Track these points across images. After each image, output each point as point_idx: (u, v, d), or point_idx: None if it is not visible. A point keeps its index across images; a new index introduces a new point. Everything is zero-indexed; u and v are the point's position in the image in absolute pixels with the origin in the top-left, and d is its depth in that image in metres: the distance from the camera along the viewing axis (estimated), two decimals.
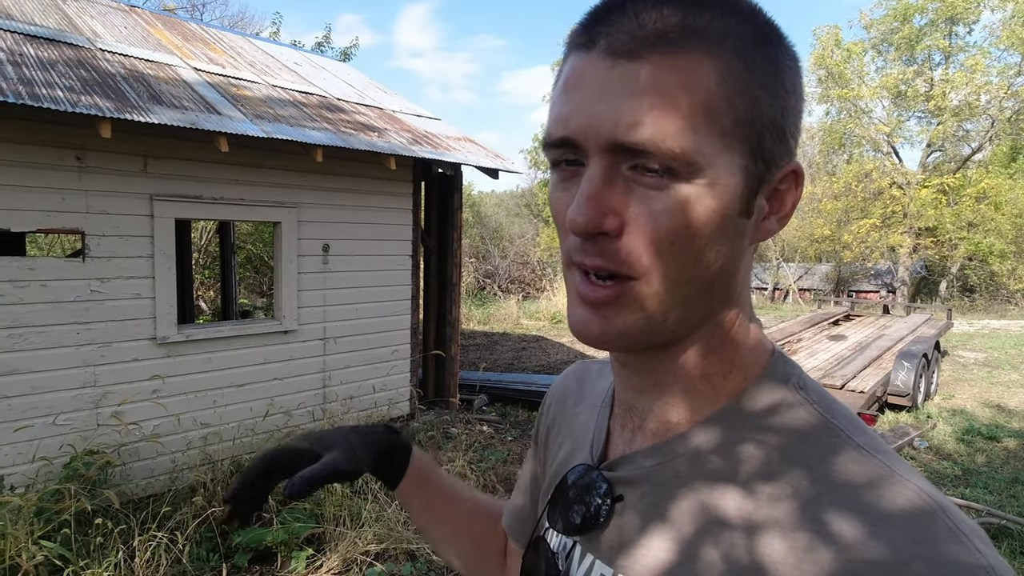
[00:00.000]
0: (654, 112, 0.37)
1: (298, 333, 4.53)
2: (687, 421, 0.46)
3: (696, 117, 0.38)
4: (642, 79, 0.38)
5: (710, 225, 0.39)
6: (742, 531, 0.40)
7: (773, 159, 0.41)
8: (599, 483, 0.49)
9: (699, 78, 0.38)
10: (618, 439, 0.52)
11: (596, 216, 0.39)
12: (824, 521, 0.38)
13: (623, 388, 0.51)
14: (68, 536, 2.77)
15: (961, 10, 17.78)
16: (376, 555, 3.20)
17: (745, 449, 0.43)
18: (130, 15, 5.60)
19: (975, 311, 18.84)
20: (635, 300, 0.41)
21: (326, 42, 14.77)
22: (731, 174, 0.39)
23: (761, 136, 0.40)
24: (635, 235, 0.39)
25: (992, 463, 5.06)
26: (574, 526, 0.50)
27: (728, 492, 0.42)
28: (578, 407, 0.62)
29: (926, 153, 20.16)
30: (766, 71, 0.40)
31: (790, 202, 0.44)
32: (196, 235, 10.68)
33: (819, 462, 0.40)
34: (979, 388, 7.72)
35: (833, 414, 0.43)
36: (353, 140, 4.40)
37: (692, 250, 0.40)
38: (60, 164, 3.43)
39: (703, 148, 0.38)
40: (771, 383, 0.45)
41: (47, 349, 3.43)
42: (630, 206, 0.39)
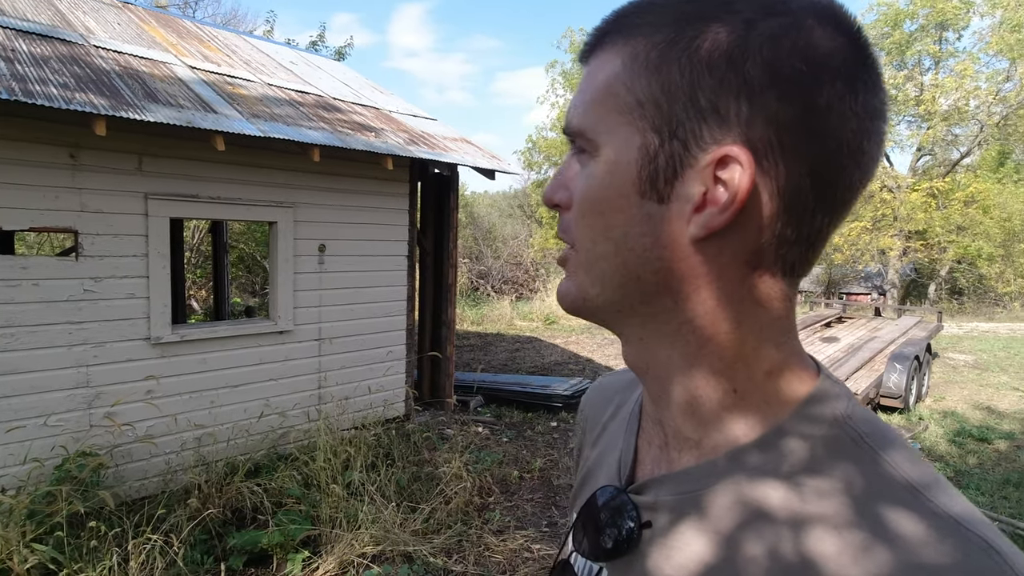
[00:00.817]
0: (575, 100, 0.45)
1: (294, 333, 4.50)
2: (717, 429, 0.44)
3: (595, 99, 0.43)
4: (583, 77, 0.45)
5: (605, 200, 0.42)
6: (788, 526, 0.39)
7: (691, 140, 0.38)
8: (629, 507, 0.48)
9: (607, 65, 0.42)
10: (645, 456, 0.51)
11: (550, 191, 0.47)
12: (881, 520, 0.37)
13: (646, 397, 0.50)
14: (61, 539, 2.73)
15: (951, 16, 17.97)
16: (373, 557, 3.18)
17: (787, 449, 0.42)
18: (123, 11, 5.55)
19: (964, 314, 19.03)
20: (573, 266, 0.46)
21: (320, 41, 14.73)
22: (626, 152, 0.41)
23: (670, 116, 0.39)
24: (572, 209, 0.45)
25: (983, 464, 5.11)
26: (604, 551, 0.48)
27: (771, 489, 0.41)
28: (613, 418, 0.61)
29: (916, 157, 20.37)
30: (682, 47, 0.38)
31: (734, 191, 0.37)
32: (188, 234, 10.61)
33: (871, 461, 0.40)
34: (969, 390, 7.79)
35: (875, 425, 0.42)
36: (350, 140, 4.38)
37: (598, 224, 0.43)
38: (54, 162, 3.39)
39: (597, 126, 0.42)
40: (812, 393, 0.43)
41: (39, 349, 3.39)
42: (575, 183, 0.45)
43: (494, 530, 3.66)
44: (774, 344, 0.43)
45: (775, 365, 0.43)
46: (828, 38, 0.38)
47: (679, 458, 0.47)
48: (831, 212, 0.40)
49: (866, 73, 0.39)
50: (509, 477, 4.43)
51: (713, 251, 0.40)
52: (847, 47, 0.38)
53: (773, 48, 0.37)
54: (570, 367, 8.35)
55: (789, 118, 0.37)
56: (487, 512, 3.89)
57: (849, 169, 0.39)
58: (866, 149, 0.39)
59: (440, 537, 3.46)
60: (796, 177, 0.38)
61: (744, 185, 0.37)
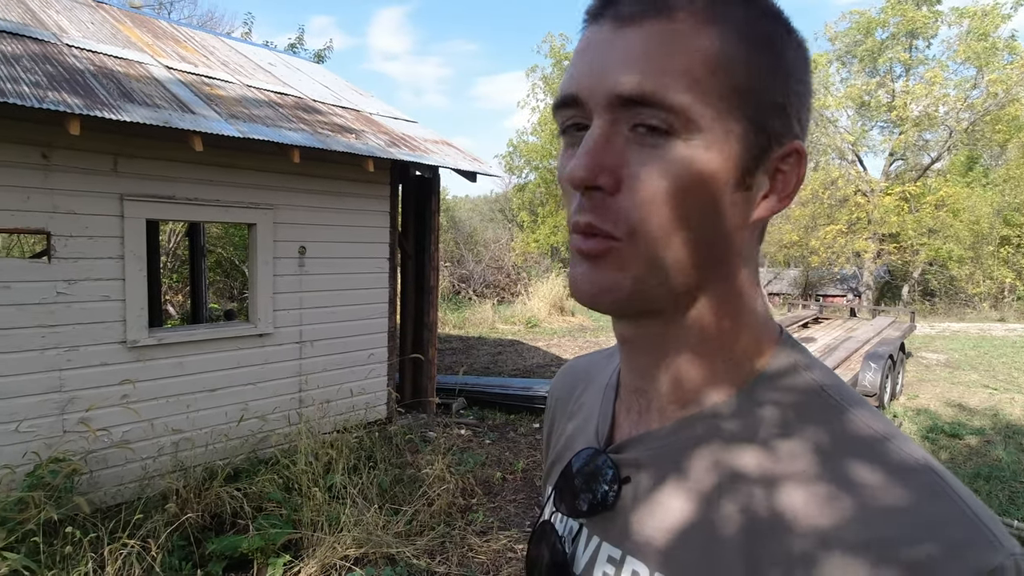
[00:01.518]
0: (654, 67, 0.39)
1: (273, 336, 4.45)
2: (700, 395, 0.47)
3: (695, 76, 0.39)
4: (643, 40, 0.40)
5: (702, 188, 0.40)
6: (760, 483, 0.42)
7: (774, 134, 0.42)
8: (605, 469, 0.49)
9: (698, 41, 0.39)
10: (624, 421, 0.52)
11: (592, 168, 0.40)
12: (844, 472, 0.40)
13: (629, 370, 0.51)
14: (34, 546, 2.67)
15: (920, 25, 18.47)
16: (356, 560, 3.15)
17: (762, 412, 0.44)
18: (97, 11, 5.46)
19: (936, 314, 19.49)
20: (624, 258, 0.41)
21: (299, 44, 14.61)
22: (728, 140, 0.40)
23: (760, 108, 0.41)
24: (628, 193, 0.40)
25: (955, 460, 5.24)
26: (581, 512, 0.50)
27: (745, 449, 0.43)
28: (585, 391, 0.62)
29: (888, 162, 20.85)
30: (765, 48, 0.41)
31: (793, 182, 0.43)
32: (164, 238, 10.43)
33: (833, 423, 0.43)
34: (941, 388, 7.98)
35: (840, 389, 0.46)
36: (330, 141, 4.35)
37: (682, 212, 0.40)
38: (25, 162, 3.32)
39: (698, 108, 0.39)
40: (785, 356, 0.47)
41: (9, 353, 3.31)
42: (627, 166, 0.40)
43: (477, 531, 3.65)
44: (762, 304, 0.48)
45: (762, 326, 0.47)
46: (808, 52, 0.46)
47: (659, 419, 0.48)
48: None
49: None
50: (492, 478, 4.43)
51: (755, 229, 0.45)
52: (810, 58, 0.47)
53: (807, 63, 0.45)
54: (552, 369, 8.37)
55: (807, 121, 0.45)
56: (470, 513, 3.89)
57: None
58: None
59: (423, 539, 3.44)
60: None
61: (802, 174, 0.44)
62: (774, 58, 0.42)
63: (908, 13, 18.38)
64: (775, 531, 0.40)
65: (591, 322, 13.34)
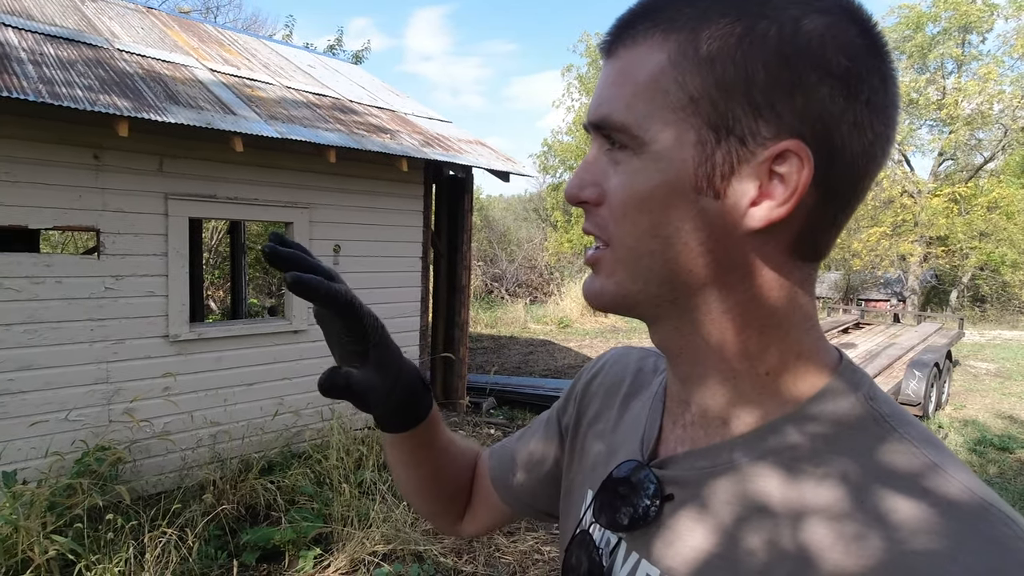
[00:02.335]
0: (609, 93, 0.43)
1: (308, 333, 4.55)
2: (742, 416, 0.45)
3: (640, 93, 0.41)
4: (613, 70, 0.44)
5: (655, 198, 0.42)
6: (786, 518, 0.40)
7: (748, 136, 0.39)
8: (647, 483, 0.48)
9: (650, 60, 0.41)
10: (670, 435, 0.51)
11: (575, 186, 0.46)
12: (874, 509, 0.37)
13: (673, 378, 0.51)
14: (80, 531, 2.79)
15: (975, 19, 17.70)
16: (384, 556, 3.20)
17: (791, 439, 0.43)
18: (147, 16, 5.67)
19: (987, 321, 18.67)
20: (608, 264, 0.46)
21: (338, 45, 14.89)
22: (680, 149, 0.41)
23: (725, 112, 0.39)
24: (605, 206, 0.44)
25: (1004, 475, 5.01)
26: (621, 525, 0.49)
27: (772, 479, 0.42)
28: (630, 399, 0.61)
29: (937, 162, 20.05)
30: (731, 46, 0.39)
31: (794, 184, 0.39)
32: (207, 235, 10.76)
33: (868, 451, 0.40)
34: (991, 399, 7.64)
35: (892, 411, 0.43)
36: (365, 141, 4.42)
37: (644, 222, 0.42)
38: (77, 162, 3.47)
39: (645, 122, 0.41)
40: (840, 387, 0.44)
41: (61, 345, 3.46)
42: (606, 180, 0.44)
43: (504, 531, 3.66)
44: (805, 328, 0.45)
45: (804, 349, 0.45)
46: (860, 35, 0.40)
47: (703, 437, 0.48)
48: (859, 196, 0.43)
49: (889, 66, 0.42)
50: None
51: (761, 241, 0.42)
52: (875, 43, 0.41)
53: (821, 46, 0.39)
54: None
55: (837, 112, 0.39)
56: None
57: (879, 157, 0.42)
58: (891, 137, 0.43)
59: (450, 537, 3.47)
60: (838, 167, 0.40)
61: (804, 179, 0.39)
62: (746, 53, 0.39)
63: (961, 7, 17.63)
64: (798, 571, 0.38)
65: (624, 323, 13.22)
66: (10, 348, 3.30)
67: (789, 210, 0.40)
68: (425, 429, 0.67)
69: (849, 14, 0.40)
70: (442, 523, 0.77)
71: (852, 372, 0.45)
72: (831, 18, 0.39)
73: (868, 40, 0.40)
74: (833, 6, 0.40)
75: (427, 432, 0.68)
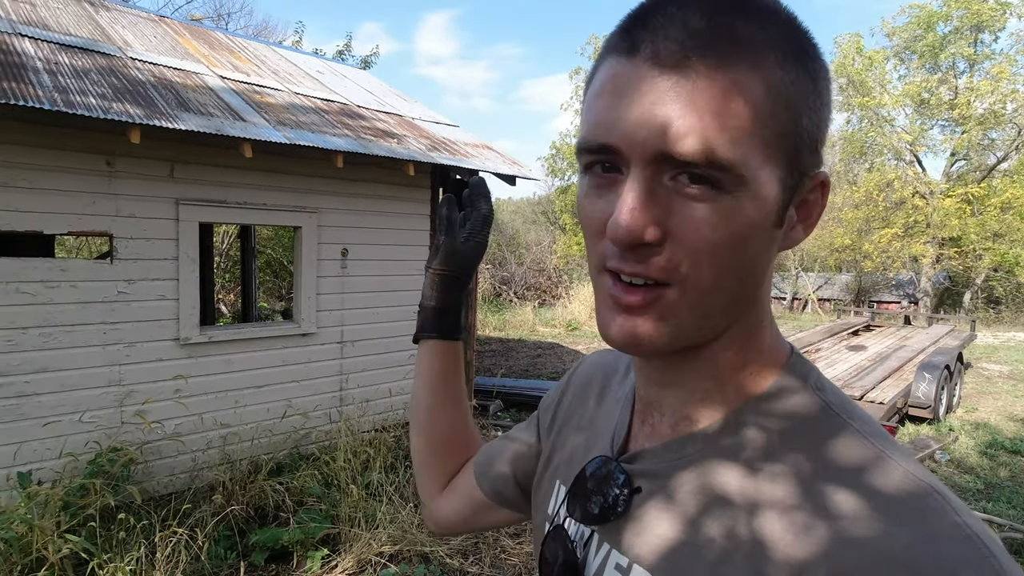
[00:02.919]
0: (704, 124, 0.37)
1: (316, 336, 4.60)
2: (706, 415, 0.48)
3: (744, 130, 0.38)
4: (692, 90, 0.38)
5: (749, 237, 0.41)
6: (744, 510, 0.42)
7: (806, 171, 0.42)
8: (617, 474, 0.51)
9: (747, 91, 0.38)
10: (638, 432, 0.54)
11: (640, 227, 0.39)
12: (821, 500, 0.40)
13: (644, 383, 0.52)
14: (93, 530, 2.84)
15: (987, 18, 17.52)
16: (390, 557, 3.23)
17: (749, 434, 0.45)
18: (160, 25, 5.76)
19: (1001, 323, 18.43)
20: (667, 307, 0.42)
21: (347, 50, 15.01)
22: (770, 187, 0.40)
23: (799, 148, 0.41)
24: (676, 245, 0.40)
25: (1016, 477, 4.96)
26: (592, 516, 0.51)
27: (731, 473, 0.44)
28: (602, 398, 0.63)
29: (950, 162, 19.84)
30: (805, 83, 0.40)
31: (816, 211, 0.45)
32: (218, 239, 10.88)
33: (819, 444, 0.42)
34: (1003, 401, 7.56)
35: (843, 404, 0.45)
36: (373, 146, 4.47)
37: (730, 260, 0.41)
38: (91, 169, 3.54)
39: (749, 161, 0.38)
40: (789, 380, 0.47)
41: (75, 348, 3.53)
42: (672, 216, 0.40)
43: (511, 533, 3.68)
44: (767, 326, 0.49)
45: (766, 347, 0.48)
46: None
47: (670, 432, 0.50)
48: None
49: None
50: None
51: (773, 259, 0.46)
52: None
53: (831, 90, 0.44)
54: None
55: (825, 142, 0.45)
56: None
57: None
58: None
59: (457, 539, 3.49)
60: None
61: (824, 204, 0.45)
62: (811, 91, 0.41)
63: (973, 6, 17.46)
64: (753, 559, 0.40)
65: None
66: (26, 351, 3.37)
67: (810, 232, 0.45)
68: (452, 352, 0.77)
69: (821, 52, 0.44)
70: (427, 483, 0.80)
71: (802, 364, 0.48)
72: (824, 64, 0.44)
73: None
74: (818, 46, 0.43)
75: (451, 357, 0.78)
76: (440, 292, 0.76)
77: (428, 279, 0.77)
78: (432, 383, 0.77)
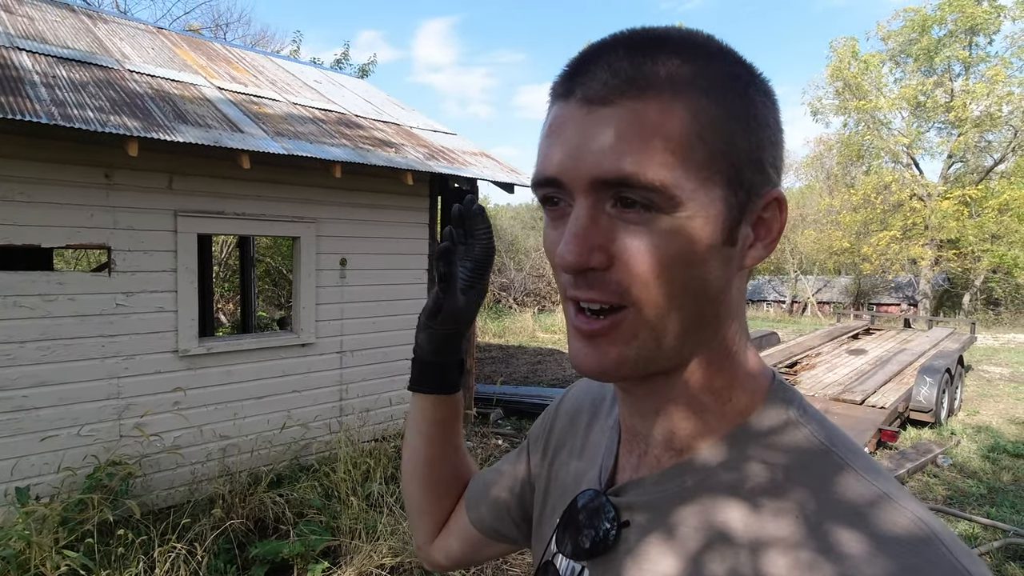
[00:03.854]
0: (632, 149, 0.40)
1: (316, 346, 4.59)
2: (691, 446, 0.47)
3: (671, 153, 0.40)
4: (617, 120, 0.41)
5: (693, 256, 0.41)
6: (747, 547, 0.42)
7: (754, 188, 0.43)
8: (607, 508, 0.50)
9: (670, 117, 0.40)
10: (625, 464, 0.53)
11: (582, 253, 0.42)
12: (827, 539, 0.39)
13: (628, 413, 0.52)
14: (91, 546, 2.82)
15: (981, 21, 17.62)
16: (391, 569, 3.21)
17: (751, 468, 0.45)
18: (157, 36, 5.77)
19: (1000, 325, 18.44)
20: (628, 330, 0.43)
21: (344, 59, 15.05)
22: (711, 206, 0.41)
23: (739, 168, 0.42)
24: (622, 269, 0.42)
25: (1019, 481, 4.94)
26: (583, 551, 0.51)
27: (734, 509, 0.44)
28: (591, 428, 0.63)
29: (947, 164, 19.90)
30: (737, 107, 0.42)
31: (776, 228, 0.45)
32: (217, 249, 10.87)
33: (822, 482, 0.42)
34: (1005, 404, 7.54)
35: (833, 440, 0.45)
36: (371, 156, 4.47)
37: (679, 280, 0.42)
38: (89, 182, 3.54)
39: (681, 182, 0.40)
40: (775, 407, 0.47)
41: (74, 361, 3.52)
42: (615, 241, 0.42)
43: None
44: (745, 349, 0.49)
45: (747, 371, 0.48)
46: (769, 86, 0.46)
47: (657, 463, 0.50)
48: None
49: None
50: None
51: (740, 278, 0.47)
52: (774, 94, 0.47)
53: (775, 108, 0.45)
54: None
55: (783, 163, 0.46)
56: None
57: None
58: None
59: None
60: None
61: (782, 222, 0.46)
62: (747, 114, 0.43)
63: (967, 9, 17.56)
64: None
65: None
66: (24, 365, 3.36)
67: (773, 248, 0.46)
68: (452, 403, 0.74)
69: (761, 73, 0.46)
70: (420, 529, 0.79)
71: (784, 390, 0.48)
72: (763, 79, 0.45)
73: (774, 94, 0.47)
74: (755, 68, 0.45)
75: (452, 408, 0.75)
76: (442, 348, 0.72)
77: (426, 335, 0.72)
78: (432, 435, 0.75)
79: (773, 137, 0.44)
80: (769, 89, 0.45)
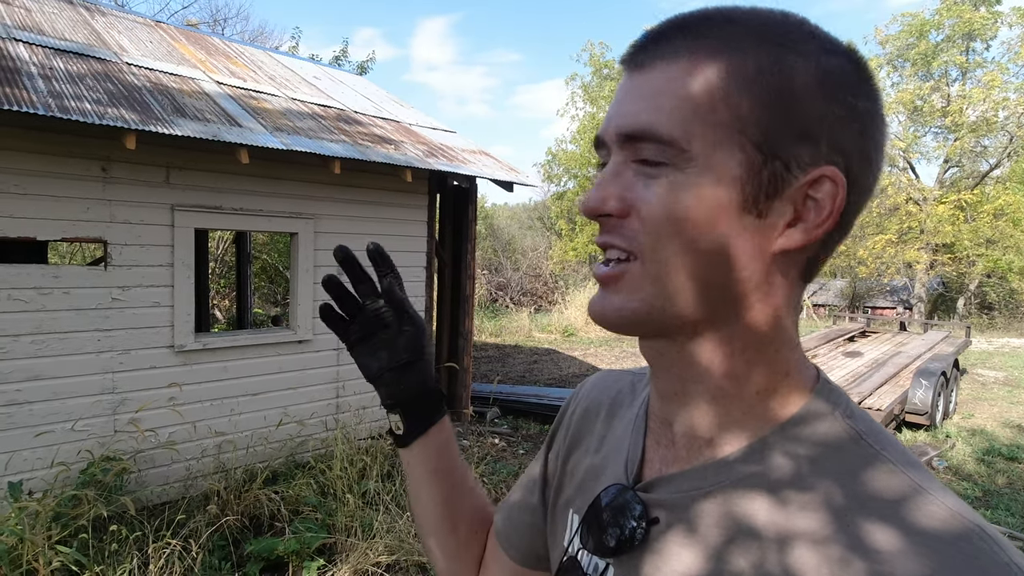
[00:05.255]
0: (650, 105, 0.42)
1: (312, 343, 4.56)
2: (717, 439, 0.46)
3: (688, 109, 0.41)
4: (647, 82, 0.43)
5: (700, 214, 0.41)
6: (774, 543, 0.41)
7: (792, 160, 0.41)
8: (633, 505, 0.49)
9: (699, 75, 0.41)
10: (654, 456, 0.52)
11: (599, 198, 0.44)
12: (857, 534, 0.38)
13: (656, 396, 0.51)
14: (85, 541, 2.80)
15: (978, 26, 17.70)
16: (387, 567, 3.19)
17: (778, 462, 0.43)
18: (156, 30, 5.74)
19: (994, 329, 18.54)
20: (633, 280, 0.44)
21: (343, 56, 15.02)
22: (728, 168, 0.41)
23: (772, 135, 0.41)
24: (635, 218, 0.43)
25: (1014, 485, 4.96)
26: (608, 548, 0.49)
27: (761, 504, 0.42)
28: (609, 422, 0.61)
29: (943, 169, 19.99)
30: (778, 78, 0.41)
31: (827, 210, 0.42)
32: (213, 245, 10.82)
33: (851, 474, 0.41)
34: (999, 407, 7.58)
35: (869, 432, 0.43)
36: (370, 152, 4.45)
37: (684, 236, 0.42)
38: (86, 175, 3.51)
39: (695, 139, 0.41)
40: (820, 407, 0.45)
41: (68, 355, 3.49)
42: (633, 191, 0.43)
43: None
44: (791, 347, 0.46)
45: (791, 368, 0.46)
46: (867, 78, 0.43)
47: (687, 458, 0.48)
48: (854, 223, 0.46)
49: (883, 111, 0.45)
50: None
51: (784, 262, 0.44)
52: (876, 87, 0.44)
53: (844, 87, 0.42)
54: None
55: (855, 147, 0.42)
56: None
57: (873, 193, 0.46)
58: (880, 176, 0.46)
59: None
60: (853, 198, 0.43)
61: (839, 204, 0.42)
62: (790, 84, 0.41)
63: (965, 14, 17.64)
64: None
65: None
66: (18, 359, 3.33)
67: (823, 232, 0.42)
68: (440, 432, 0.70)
69: (852, 57, 0.43)
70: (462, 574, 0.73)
71: (830, 391, 0.46)
72: (844, 59, 0.42)
73: (871, 83, 0.44)
74: (841, 49, 0.43)
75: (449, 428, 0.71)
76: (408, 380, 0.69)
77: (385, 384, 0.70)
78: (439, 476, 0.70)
79: (838, 112, 0.41)
80: (844, 68, 0.42)
